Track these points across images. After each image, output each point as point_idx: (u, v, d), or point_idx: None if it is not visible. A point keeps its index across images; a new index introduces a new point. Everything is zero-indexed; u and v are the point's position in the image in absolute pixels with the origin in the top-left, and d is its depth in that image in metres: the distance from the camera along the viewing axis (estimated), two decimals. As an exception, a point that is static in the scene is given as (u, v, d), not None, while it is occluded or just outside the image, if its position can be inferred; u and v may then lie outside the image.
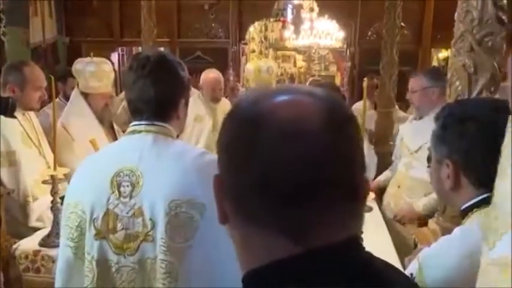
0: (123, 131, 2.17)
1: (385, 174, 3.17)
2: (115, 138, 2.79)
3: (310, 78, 6.92)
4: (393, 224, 2.70)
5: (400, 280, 0.68)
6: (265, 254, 0.55)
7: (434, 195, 2.53)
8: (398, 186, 2.85)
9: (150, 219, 1.23)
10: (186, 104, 1.42)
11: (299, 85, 0.85)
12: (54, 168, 2.09)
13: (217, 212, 0.61)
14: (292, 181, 0.52)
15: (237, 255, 0.61)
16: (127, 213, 1.25)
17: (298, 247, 0.53)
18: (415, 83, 2.71)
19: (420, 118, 2.74)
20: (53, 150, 2.17)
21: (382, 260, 0.63)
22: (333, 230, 0.55)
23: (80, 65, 2.77)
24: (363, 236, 0.67)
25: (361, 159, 0.57)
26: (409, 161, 2.80)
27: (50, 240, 2.07)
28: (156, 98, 1.31)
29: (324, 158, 0.53)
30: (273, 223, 0.54)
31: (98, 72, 2.75)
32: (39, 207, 2.39)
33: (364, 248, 0.58)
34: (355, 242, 0.57)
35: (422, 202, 2.58)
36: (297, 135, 0.53)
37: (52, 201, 2.08)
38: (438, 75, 2.66)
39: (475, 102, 1.23)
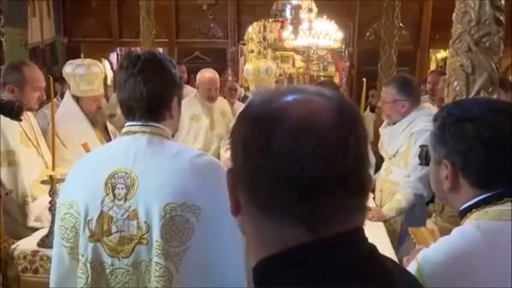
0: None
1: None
2: (109, 141, 2.74)
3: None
4: None
5: (403, 275, 0.73)
6: (277, 243, 0.58)
7: (397, 197, 2.58)
8: (381, 191, 2.87)
9: (145, 222, 1.22)
10: (179, 102, 1.40)
11: (308, 85, 0.90)
12: (53, 169, 2.09)
13: (230, 203, 0.64)
14: (306, 177, 0.55)
15: (247, 245, 0.64)
16: (122, 215, 1.24)
17: (310, 236, 0.57)
18: (387, 93, 2.69)
19: (394, 123, 2.74)
20: (51, 151, 2.17)
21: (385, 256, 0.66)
22: (341, 222, 0.58)
23: (69, 68, 2.70)
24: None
25: (368, 156, 0.61)
26: (388, 165, 2.82)
27: (49, 241, 2.05)
28: (148, 96, 1.29)
29: (336, 155, 0.56)
30: (288, 214, 0.57)
31: (88, 75, 2.67)
32: (38, 208, 2.39)
33: (367, 238, 0.62)
34: (361, 232, 0.61)
35: (387, 207, 2.61)
36: (311, 133, 0.56)
37: (50, 202, 2.08)
38: (409, 87, 2.65)
39: (473, 103, 1.23)
